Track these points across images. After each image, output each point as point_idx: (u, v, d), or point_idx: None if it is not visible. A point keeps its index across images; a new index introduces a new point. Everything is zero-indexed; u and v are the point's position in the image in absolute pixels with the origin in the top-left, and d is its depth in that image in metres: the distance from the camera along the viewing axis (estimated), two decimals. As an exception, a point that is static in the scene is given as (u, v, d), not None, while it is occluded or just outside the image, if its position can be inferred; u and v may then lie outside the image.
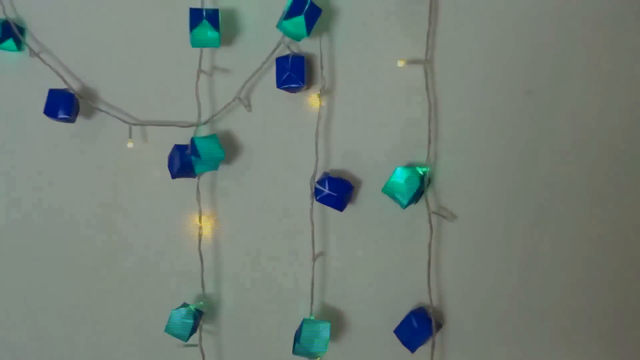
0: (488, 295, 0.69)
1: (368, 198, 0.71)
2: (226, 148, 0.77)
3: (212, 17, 0.71)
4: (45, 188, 0.85)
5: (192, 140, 0.74)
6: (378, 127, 0.70)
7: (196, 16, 0.71)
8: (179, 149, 0.76)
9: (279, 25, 0.67)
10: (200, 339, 0.79)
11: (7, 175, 0.86)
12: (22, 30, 0.85)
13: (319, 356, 0.70)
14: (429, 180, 0.68)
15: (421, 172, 0.67)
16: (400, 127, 0.69)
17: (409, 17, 0.67)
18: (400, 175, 0.66)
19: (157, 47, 0.78)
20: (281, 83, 0.70)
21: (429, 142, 0.67)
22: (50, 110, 0.80)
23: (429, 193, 0.69)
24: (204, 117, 0.76)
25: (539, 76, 0.64)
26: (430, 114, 0.67)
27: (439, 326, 0.69)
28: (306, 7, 0.66)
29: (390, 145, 0.70)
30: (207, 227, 0.80)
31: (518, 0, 0.64)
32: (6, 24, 0.83)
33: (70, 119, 0.81)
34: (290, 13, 0.66)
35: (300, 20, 0.66)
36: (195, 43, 0.72)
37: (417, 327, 0.67)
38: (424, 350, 0.68)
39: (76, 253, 0.85)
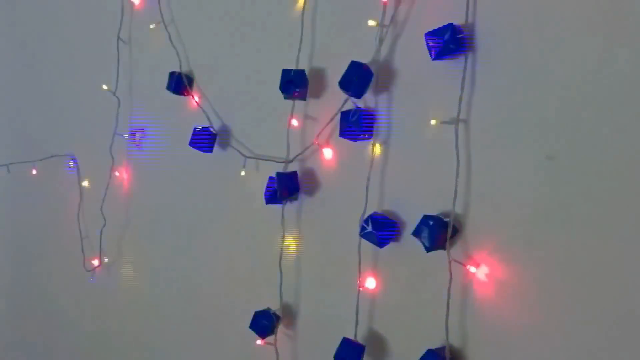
0: (511, 345, 0.71)
1: (410, 239, 0.79)
2: (310, 183, 0.93)
3: (298, 76, 0.87)
4: (186, 198, 1.13)
5: (276, 175, 0.91)
6: (424, 176, 0.78)
7: (285, 76, 0.88)
8: (271, 180, 0.94)
9: (339, 85, 0.80)
10: (276, 339, 0.95)
11: (160, 187, 1.16)
12: (191, 80, 1.13)
13: (350, 372, 0.80)
14: (455, 230, 0.73)
15: (445, 221, 0.73)
16: (442, 178, 0.76)
17: (454, 80, 0.74)
18: (425, 222, 0.73)
19: (271, 100, 0.97)
20: (341, 133, 0.82)
21: (455, 195, 0.72)
22: (195, 143, 1.06)
23: (460, 241, 0.74)
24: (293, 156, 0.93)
25: (561, 142, 0.65)
26: (458, 169, 0.72)
27: (456, 368, 0.73)
28: (360, 71, 0.78)
29: (432, 193, 0.77)
30: (292, 246, 0.96)
31: (549, 70, 0.66)
32: (180, 76, 1.12)
33: (209, 151, 1.06)
34: (346, 76, 0.79)
35: (353, 82, 0.78)
36: (286, 97, 0.90)
37: (432, 364, 0.73)
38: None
39: (196, 258, 1.10)
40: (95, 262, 1.41)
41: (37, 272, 1.63)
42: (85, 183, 1.45)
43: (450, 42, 0.69)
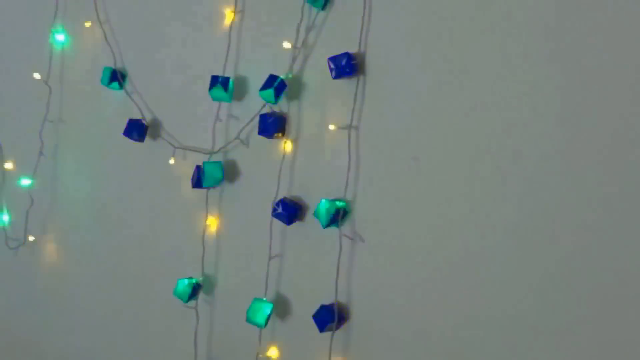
0: (385, 300, 0.93)
1: (311, 219, 0.99)
2: (232, 172, 1.11)
3: (224, 82, 1.05)
4: (115, 181, 1.26)
5: (202, 163, 1.08)
6: (324, 169, 0.99)
7: (213, 81, 1.05)
8: (197, 168, 1.11)
9: (259, 93, 0.99)
10: (197, 304, 1.12)
11: (89, 171, 1.29)
12: (124, 76, 1.27)
13: (259, 325, 1.00)
14: (345, 212, 0.94)
15: (338, 205, 0.94)
16: (338, 171, 0.96)
17: (349, 94, 0.95)
18: (323, 205, 0.94)
19: (200, 98, 1.13)
20: (260, 131, 1.01)
21: (346, 185, 0.94)
22: (128, 132, 1.20)
23: (349, 220, 0.95)
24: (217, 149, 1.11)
25: (422, 146, 0.88)
26: (349, 164, 0.94)
27: (342, 317, 0.95)
28: (276, 82, 0.97)
29: (330, 182, 0.98)
30: (213, 225, 1.13)
31: (416, 90, 0.89)
32: (114, 71, 1.25)
33: (140, 140, 1.20)
34: (264, 86, 0.98)
35: (270, 91, 0.97)
36: (214, 98, 1.07)
37: (324, 315, 0.94)
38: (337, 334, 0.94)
39: (123, 235, 1.24)
40: (20, 240, 1.49)
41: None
42: (9, 165, 1.53)
43: (346, 66, 0.90)
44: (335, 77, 0.92)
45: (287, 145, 1.02)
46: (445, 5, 0.85)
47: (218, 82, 1.05)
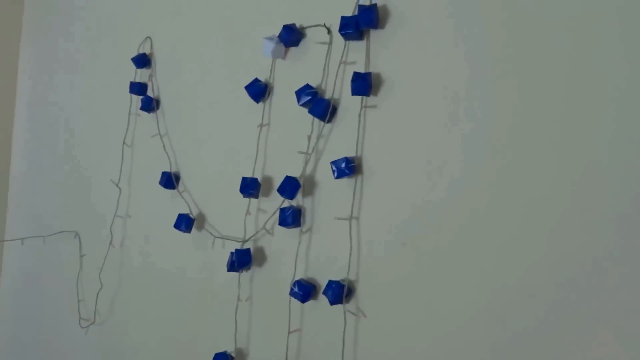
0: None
1: (323, 297, 1.15)
2: (261, 257, 1.30)
3: (252, 182, 1.27)
4: (168, 266, 1.47)
5: (235, 250, 1.28)
6: (331, 253, 1.16)
7: (244, 181, 1.28)
8: (231, 254, 1.31)
9: (277, 190, 1.20)
10: (231, 375, 1.28)
11: (147, 258, 1.52)
12: (177, 177, 1.52)
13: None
14: (349, 290, 1.10)
15: (341, 284, 1.10)
16: (342, 255, 1.13)
17: (349, 191, 1.13)
18: (330, 285, 1.10)
19: (235, 196, 1.36)
20: (280, 222, 1.21)
21: (349, 267, 1.10)
22: (177, 225, 1.43)
23: (353, 298, 1.11)
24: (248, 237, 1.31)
25: (409, 233, 1.04)
26: (351, 250, 1.10)
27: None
28: (291, 182, 1.18)
29: (336, 265, 1.14)
30: (244, 303, 1.31)
31: (404, 187, 1.06)
32: (169, 175, 1.51)
33: (187, 231, 1.43)
34: (282, 185, 1.19)
35: (286, 189, 1.17)
36: (244, 196, 1.29)
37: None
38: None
39: (172, 314, 1.44)
40: (90, 320, 1.73)
41: (39, 327, 1.93)
42: (85, 255, 1.80)
43: (345, 168, 1.10)
44: (337, 177, 1.11)
45: (302, 234, 1.20)
46: (421, 120, 1.04)
47: (247, 182, 1.27)
